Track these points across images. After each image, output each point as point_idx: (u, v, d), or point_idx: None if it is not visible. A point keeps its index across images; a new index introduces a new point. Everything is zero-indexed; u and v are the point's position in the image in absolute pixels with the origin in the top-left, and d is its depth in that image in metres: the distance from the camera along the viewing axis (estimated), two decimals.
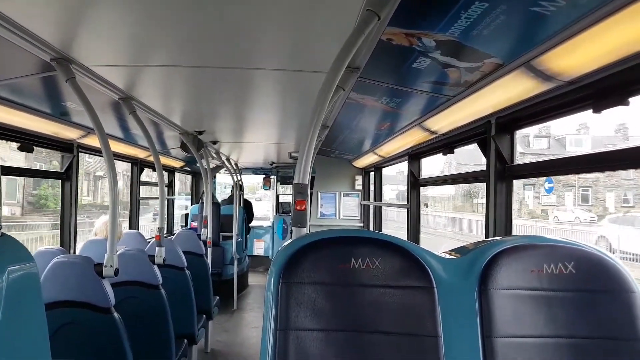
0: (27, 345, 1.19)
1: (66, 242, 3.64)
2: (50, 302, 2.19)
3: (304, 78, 2.35)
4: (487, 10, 1.36)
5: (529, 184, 27.25)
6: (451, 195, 31.43)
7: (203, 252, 4.75)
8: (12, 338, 1.11)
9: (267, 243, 9.46)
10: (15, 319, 1.12)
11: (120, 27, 1.74)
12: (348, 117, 3.41)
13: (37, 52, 1.85)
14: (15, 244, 1.24)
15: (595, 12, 1.26)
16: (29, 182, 20.92)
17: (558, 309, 1.38)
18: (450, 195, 31.46)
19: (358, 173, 6.50)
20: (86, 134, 3.48)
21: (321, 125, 1.79)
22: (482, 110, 2.35)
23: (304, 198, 1.67)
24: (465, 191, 30.57)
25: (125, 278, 2.88)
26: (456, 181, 3.69)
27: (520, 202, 26.77)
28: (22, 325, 1.16)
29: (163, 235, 3.21)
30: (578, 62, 1.56)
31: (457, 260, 1.52)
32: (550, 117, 2.05)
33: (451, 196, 31.65)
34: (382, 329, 1.39)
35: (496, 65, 1.78)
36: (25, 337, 1.18)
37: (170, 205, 6.80)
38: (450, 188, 29.87)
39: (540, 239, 1.50)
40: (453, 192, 31.17)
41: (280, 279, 1.41)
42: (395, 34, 1.68)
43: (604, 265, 1.41)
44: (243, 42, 1.90)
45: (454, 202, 31.29)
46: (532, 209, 27.74)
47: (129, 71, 2.31)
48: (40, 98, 2.63)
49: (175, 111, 3.41)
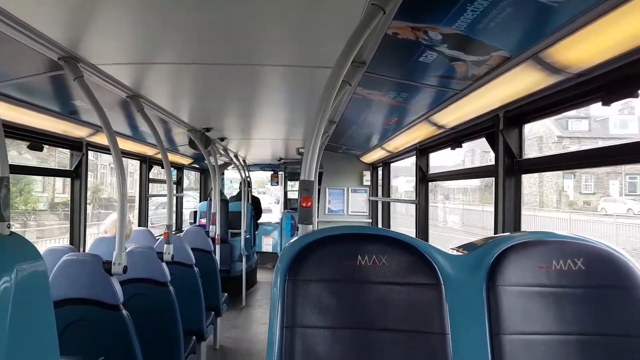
0: (36, 342, 1.20)
1: (75, 240, 3.68)
2: (60, 299, 2.21)
3: (310, 74, 2.35)
4: (494, 2, 1.35)
5: (569, 172, 23.90)
6: (476, 186, 29.51)
7: (211, 248, 4.77)
8: (21, 336, 1.13)
9: (276, 239, 9.49)
10: (24, 317, 1.14)
11: (128, 26, 1.75)
12: (355, 112, 3.40)
13: (45, 52, 1.86)
14: (24, 243, 1.25)
15: (604, 3, 1.23)
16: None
17: (567, 306, 1.37)
18: (475, 186, 29.48)
19: (366, 168, 6.48)
20: (95, 132, 3.50)
21: (328, 121, 1.78)
22: (489, 104, 2.33)
23: (310, 195, 1.66)
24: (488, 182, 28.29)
25: (134, 275, 2.91)
26: (465, 176, 3.66)
27: (559, 193, 25.01)
28: (31, 323, 1.17)
29: (171, 233, 3.22)
30: (586, 55, 1.53)
31: (464, 256, 1.50)
32: (559, 110, 2.02)
33: (476, 187, 29.58)
34: (389, 326, 1.38)
35: (503, 58, 1.76)
36: (34, 334, 1.19)
37: (178, 202, 6.84)
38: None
39: (549, 234, 1.48)
40: (478, 182, 29.15)
41: (287, 276, 1.41)
42: (401, 28, 1.67)
43: (613, 261, 1.39)
44: (249, 38, 1.90)
45: (481, 194, 29.73)
46: (573, 199, 25.39)
47: (136, 69, 2.32)
48: (49, 97, 2.65)
49: (183, 108, 3.42)
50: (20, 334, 1.13)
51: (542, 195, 24.85)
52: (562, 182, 25.00)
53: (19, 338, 1.12)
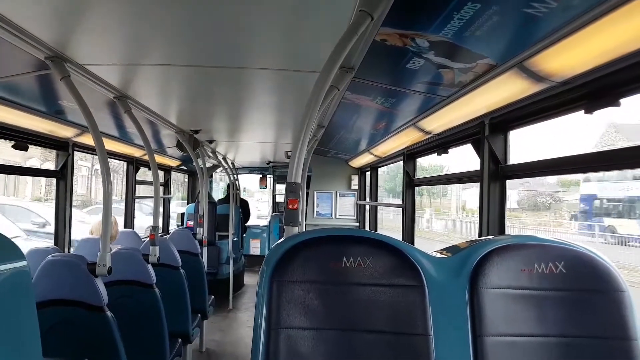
0: (19, 344, 1.18)
1: (60, 241, 3.63)
2: (43, 300, 2.18)
3: (299, 78, 2.36)
4: (480, 11, 1.37)
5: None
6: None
7: (198, 251, 4.74)
8: (3, 337, 1.11)
9: (264, 242, 9.46)
10: (6, 318, 1.12)
11: (115, 26, 1.74)
12: (344, 117, 3.41)
13: (31, 51, 1.85)
14: (6, 242, 1.23)
15: (587, 14, 1.27)
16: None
17: (548, 308, 1.39)
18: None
19: (354, 173, 6.51)
20: (82, 132, 3.47)
21: (317, 125, 1.79)
22: (475, 110, 2.36)
23: (296, 197, 1.67)
24: None
25: (119, 277, 2.88)
26: (451, 181, 3.70)
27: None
28: (14, 324, 1.16)
29: (157, 235, 3.20)
30: (570, 64, 1.57)
31: (448, 259, 1.52)
32: (543, 117, 2.06)
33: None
34: (373, 327, 1.39)
35: (489, 66, 1.79)
36: (17, 336, 1.18)
37: (166, 204, 6.79)
38: None
39: (531, 238, 1.51)
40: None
41: (272, 278, 1.41)
42: (389, 35, 1.69)
43: (594, 265, 1.42)
44: (237, 41, 1.90)
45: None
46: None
47: (124, 70, 2.31)
48: (35, 96, 2.63)
49: (170, 110, 3.41)
50: (1, 335, 1.12)
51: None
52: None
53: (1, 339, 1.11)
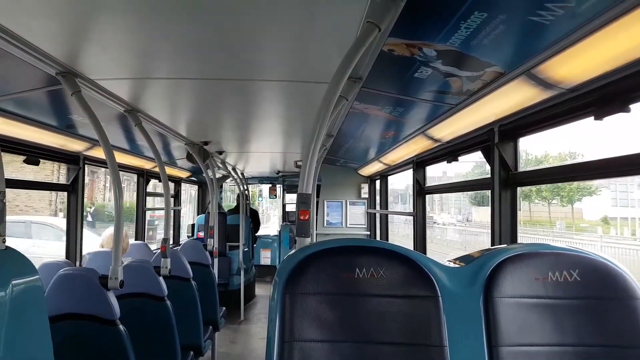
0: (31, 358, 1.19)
1: (72, 254, 3.66)
2: (55, 314, 2.19)
3: (308, 88, 2.37)
4: (486, 20, 1.37)
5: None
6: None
7: (209, 262, 4.74)
8: (16, 351, 1.12)
9: (274, 252, 9.44)
10: (20, 332, 1.13)
11: (125, 41, 1.76)
12: (352, 126, 3.42)
13: (42, 67, 1.87)
14: (19, 257, 1.25)
15: (594, 21, 1.26)
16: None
17: (564, 317, 1.37)
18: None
19: (364, 181, 6.50)
20: (92, 145, 3.51)
21: (326, 135, 1.79)
22: (484, 118, 2.35)
23: (307, 208, 1.67)
24: None
25: (130, 290, 2.88)
26: (461, 189, 3.68)
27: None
28: (27, 338, 1.17)
29: (168, 246, 3.20)
30: (578, 70, 1.56)
31: (461, 269, 1.51)
32: (553, 124, 2.04)
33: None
34: (387, 339, 1.38)
35: (497, 73, 1.78)
36: (30, 350, 1.18)
37: (176, 216, 6.82)
38: None
39: (544, 246, 1.49)
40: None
41: (285, 290, 1.41)
42: (397, 45, 1.69)
43: (609, 272, 1.40)
44: (246, 54, 1.91)
45: None
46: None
47: (134, 84, 2.33)
48: (46, 111, 2.66)
49: (180, 122, 3.43)
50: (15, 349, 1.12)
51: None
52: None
53: (14, 354, 1.12)
